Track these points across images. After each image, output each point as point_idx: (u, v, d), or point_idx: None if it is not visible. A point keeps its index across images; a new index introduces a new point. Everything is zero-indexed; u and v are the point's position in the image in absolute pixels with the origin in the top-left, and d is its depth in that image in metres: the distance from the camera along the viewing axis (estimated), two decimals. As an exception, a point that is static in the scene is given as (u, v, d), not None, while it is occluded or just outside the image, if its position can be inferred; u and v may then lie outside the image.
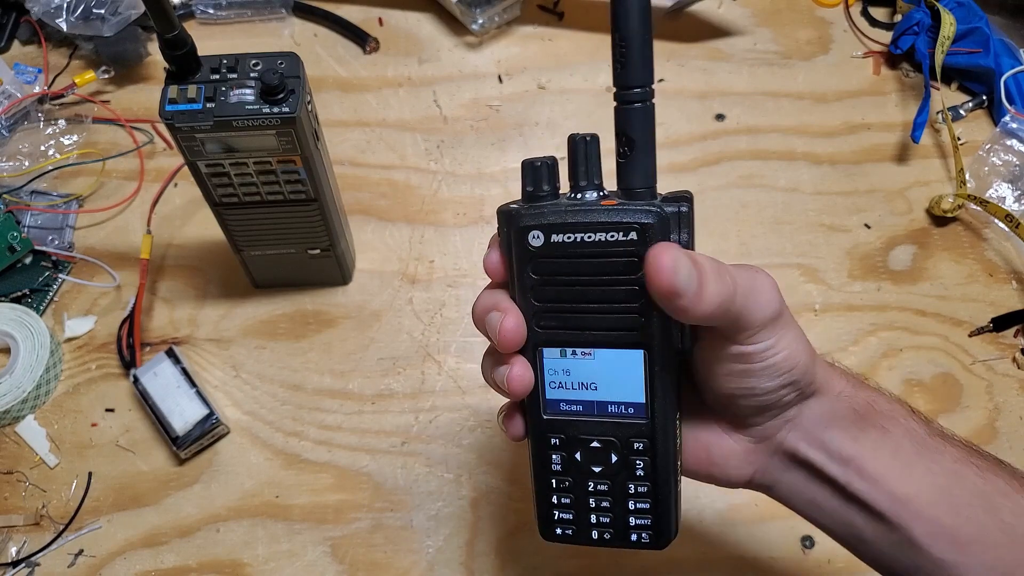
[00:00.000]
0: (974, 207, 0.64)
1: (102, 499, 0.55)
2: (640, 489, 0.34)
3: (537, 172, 0.32)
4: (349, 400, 0.59)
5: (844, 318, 0.62)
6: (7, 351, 0.59)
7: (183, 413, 0.55)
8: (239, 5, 0.73)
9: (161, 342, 0.60)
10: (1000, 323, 0.61)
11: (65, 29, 0.68)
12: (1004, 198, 0.66)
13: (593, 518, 0.35)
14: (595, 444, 0.34)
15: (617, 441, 0.34)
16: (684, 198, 0.32)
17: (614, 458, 0.34)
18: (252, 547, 0.54)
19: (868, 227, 0.66)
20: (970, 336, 0.61)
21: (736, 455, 0.36)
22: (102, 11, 0.68)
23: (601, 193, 0.32)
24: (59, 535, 0.54)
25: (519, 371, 0.33)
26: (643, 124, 0.32)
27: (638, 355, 0.32)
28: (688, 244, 0.32)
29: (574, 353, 0.33)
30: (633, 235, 0.30)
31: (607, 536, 0.35)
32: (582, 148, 0.33)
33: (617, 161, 0.32)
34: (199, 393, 0.56)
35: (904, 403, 0.36)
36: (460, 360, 0.60)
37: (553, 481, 0.35)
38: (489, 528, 0.55)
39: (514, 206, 0.32)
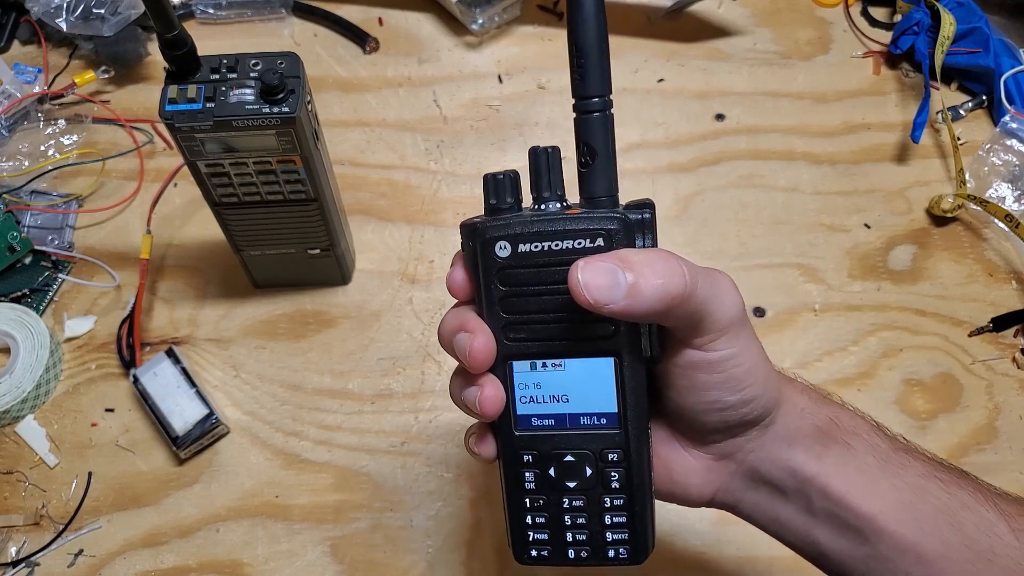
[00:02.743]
0: (974, 207, 0.64)
1: (102, 499, 0.55)
2: (616, 502, 0.33)
3: (499, 185, 0.32)
4: (349, 400, 0.59)
5: (844, 318, 0.62)
6: (7, 351, 0.59)
7: (183, 413, 0.55)
8: (239, 5, 0.73)
9: (161, 342, 0.60)
10: (1000, 323, 0.61)
11: (65, 29, 0.68)
12: (1004, 198, 0.66)
13: (569, 536, 0.34)
14: (569, 458, 0.33)
15: (591, 454, 0.33)
16: (646, 205, 0.32)
17: (588, 471, 0.33)
18: (252, 547, 0.54)
19: (868, 227, 0.66)
20: (970, 336, 0.61)
21: (697, 473, 0.35)
22: (102, 11, 0.68)
23: (564, 204, 0.32)
24: (59, 535, 0.54)
25: (491, 392, 0.32)
26: (603, 133, 0.31)
27: (608, 363, 0.32)
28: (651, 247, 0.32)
29: (544, 365, 0.33)
30: (600, 241, 0.30)
31: (583, 554, 0.34)
32: (544, 159, 0.32)
33: (579, 171, 0.32)
34: (199, 393, 0.56)
35: (868, 418, 0.36)
36: (460, 360, 0.60)
37: (527, 500, 0.34)
38: (489, 528, 0.55)
39: (478, 220, 0.32)
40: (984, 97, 0.71)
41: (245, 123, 0.45)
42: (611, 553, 0.34)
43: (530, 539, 0.35)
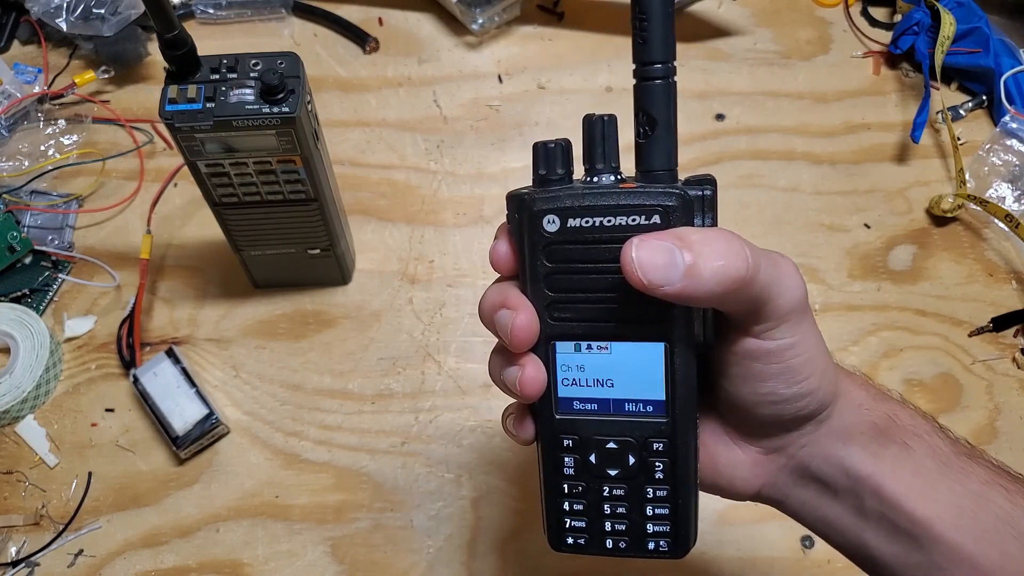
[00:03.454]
0: (974, 207, 0.64)
1: (102, 499, 0.55)
2: (659, 493, 0.32)
3: (550, 154, 0.30)
4: (349, 400, 0.59)
5: (844, 318, 0.62)
6: (7, 351, 0.59)
7: (183, 413, 0.55)
8: (239, 5, 0.73)
9: (161, 342, 0.60)
10: (1000, 323, 0.61)
11: (65, 29, 0.68)
12: (1004, 198, 0.66)
13: (608, 525, 0.33)
14: (611, 445, 0.32)
15: (635, 442, 0.32)
16: (707, 181, 0.30)
17: (631, 460, 0.32)
18: (252, 547, 0.54)
19: (868, 227, 0.66)
20: (970, 336, 0.61)
21: (744, 466, 0.34)
22: (102, 11, 0.68)
23: (619, 176, 0.30)
24: (59, 535, 0.54)
25: (532, 372, 0.31)
26: (665, 102, 0.29)
27: (658, 348, 0.30)
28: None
29: (589, 347, 0.31)
30: (656, 219, 0.28)
31: (622, 545, 0.33)
32: (599, 128, 0.30)
33: (636, 142, 0.30)
34: (199, 393, 0.56)
35: (930, 418, 0.34)
36: (460, 360, 0.60)
37: (565, 486, 0.33)
38: (489, 528, 0.55)
39: (525, 191, 0.30)
40: (984, 97, 0.71)
41: (245, 123, 0.45)
42: (651, 545, 0.33)
43: (567, 526, 0.33)
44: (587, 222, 0.29)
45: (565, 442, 0.32)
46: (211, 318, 0.61)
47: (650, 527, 0.32)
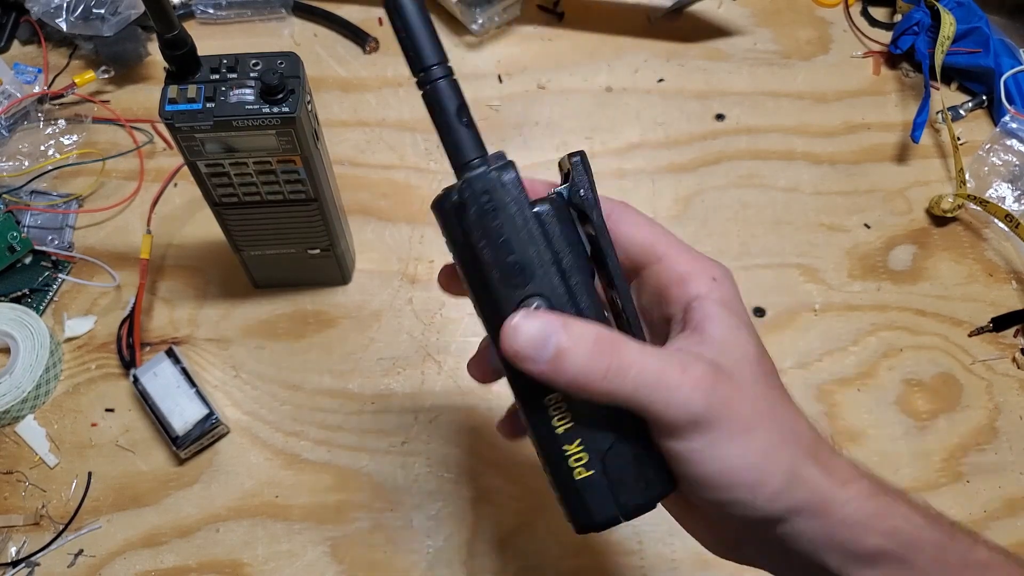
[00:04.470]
0: (974, 207, 0.64)
1: (102, 499, 0.55)
2: (547, 477, 0.32)
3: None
4: (349, 400, 0.59)
5: (844, 318, 0.62)
6: (7, 351, 0.59)
7: (183, 413, 0.55)
8: (239, 5, 0.73)
9: (161, 342, 0.60)
10: (1000, 323, 0.61)
11: (65, 29, 0.68)
12: (1004, 198, 0.66)
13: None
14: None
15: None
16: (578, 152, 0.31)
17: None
18: (252, 547, 0.54)
19: (868, 227, 0.66)
20: (970, 336, 0.61)
21: (723, 545, 0.33)
22: (102, 11, 0.68)
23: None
24: (59, 535, 0.54)
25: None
26: (440, 102, 0.30)
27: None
28: (591, 199, 0.30)
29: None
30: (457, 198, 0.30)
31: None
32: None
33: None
34: (199, 393, 0.56)
35: (942, 522, 0.30)
36: (460, 360, 0.60)
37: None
38: (489, 528, 0.55)
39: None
40: (984, 97, 0.71)
41: (245, 123, 0.45)
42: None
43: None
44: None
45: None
46: (211, 318, 0.61)
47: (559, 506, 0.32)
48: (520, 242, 0.29)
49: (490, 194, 0.30)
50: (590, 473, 0.31)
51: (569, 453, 0.31)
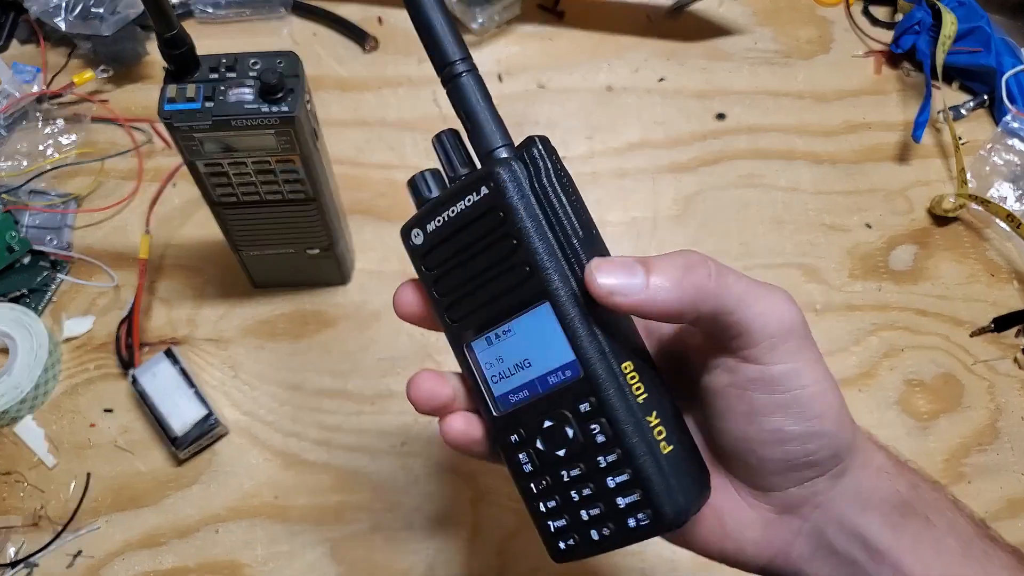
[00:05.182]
0: (975, 207, 0.64)
1: (100, 500, 0.55)
2: (611, 458, 0.29)
3: (417, 184, 0.33)
4: (348, 400, 0.58)
5: (845, 318, 0.62)
6: (5, 351, 0.59)
7: (182, 414, 0.55)
8: (238, 4, 0.73)
9: (160, 342, 0.60)
10: (1001, 323, 0.61)
11: (64, 28, 0.68)
12: (1005, 198, 0.66)
13: (584, 514, 0.30)
14: (547, 423, 0.30)
15: (567, 412, 0.30)
16: (531, 143, 0.31)
17: (570, 432, 0.30)
18: (251, 548, 0.54)
19: (869, 227, 0.65)
20: (971, 336, 0.61)
21: (755, 528, 0.31)
22: (100, 10, 0.67)
23: None
24: (57, 536, 0.54)
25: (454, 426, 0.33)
26: (471, 92, 0.32)
27: (544, 309, 0.30)
28: (556, 195, 0.30)
29: (497, 336, 0.31)
30: (485, 189, 0.30)
31: (606, 531, 0.30)
32: (444, 140, 0.33)
33: (468, 139, 0.32)
34: (198, 393, 0.55)
35: (947, 492, 0.32)
36: (460, 360, 0.60)
37: (532, 486, 0.32)
38: (489, 529, 0.54)
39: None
40: (985, 96, 0.70)
41: (244, 123, 0.45)
42: (631, 522, 0.29)
43: (552, 530, 0.32)
44: (439, 220, 0.31)
45: (512, 438, 0.32)
46: (210, 318, 0.61)
47: (620, 500, 0.30)
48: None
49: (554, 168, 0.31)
50: (671, 448, 0.30)
51: (652, 424, 0.29)
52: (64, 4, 0.68)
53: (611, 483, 0.30)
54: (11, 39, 0.73)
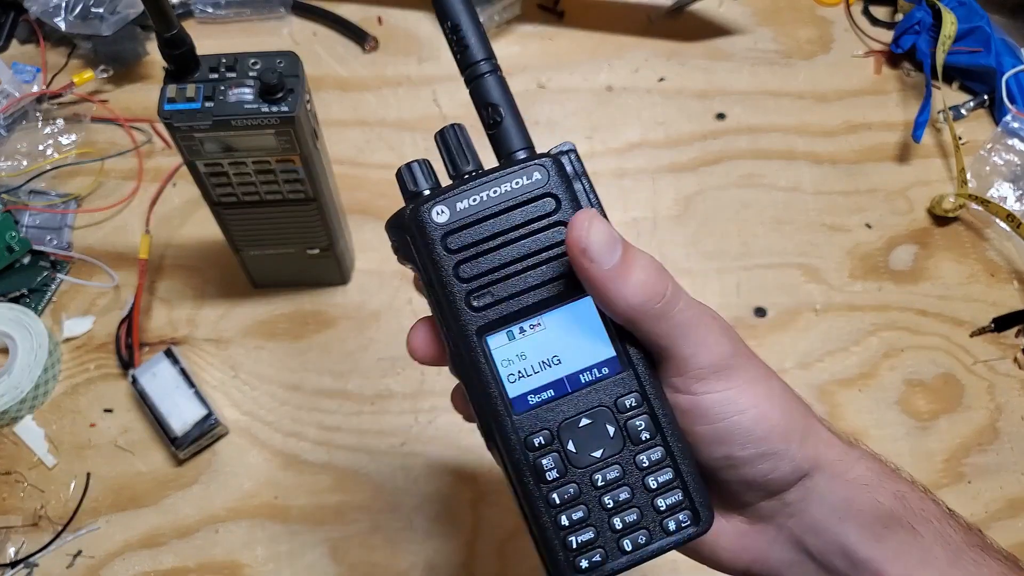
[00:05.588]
0: (975, 207, 0.64)
1: (100, 500, 0.55)
2: (654, 456, 0.28)
3: (413, 170, 0.31)
4: (348, 401, 0.58)
5: (845, 318, 0.62)
6: (5, 351, 0.59)
7: (182, 414, 0.55)
8: (238, 4, 0.73)
9: (160, 342, 0.60)
10: (1001, 323, 0.61)
11: (63, 28, 0.68)
12: (1005, 198, 0.66)
13: (618, 522, 0.28)
14: (585, 422, 0.29)
15: (608, 408, 0.29)
16: (567, 150, 0.31)
17: (611, 430, 0.28)
18: (251, 548, 0.54)
19: (869, 227, 0.65)
20: (971, 336, 0.61)
21: (728, 536, 0.31)
22: (100, 10, 0.67)
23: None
24: (57, 536, 0.54)
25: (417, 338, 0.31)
26: (502, 90, 0.31)
27: (587, 303, 0.29)
28: (591, 195, 0.30)
29: (522, 331, 0.29)
30: (538, 175, 0.29)
31: (642, 539, 0.28)
32: (452, 135, 0.31)
33: (490, 134, 0.31)
34: (198, 393, 0.55)
35: (939, 501, 0.31)
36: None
37: (555, 496, 0.29)
38: (489, 529, 0.54)
39: (402, 211, 0.30)
40: (985, 96, 0.70)
41: (244, 123, 0.45)
42: (671, 525, 0.28)
43: (573, 547, 0.28)
44: (475, 199, 0.29)
45: (536, 441, 0.29)
46: (210, 318, 0.61)
47: (660, 501, 0.29)
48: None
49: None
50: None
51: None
52: (64, 4, 0.68)
53: (652, 483, 0.29)
54: (11, 39, 0.73)
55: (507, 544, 0.54)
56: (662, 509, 0.29)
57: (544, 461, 0.29)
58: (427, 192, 0.30)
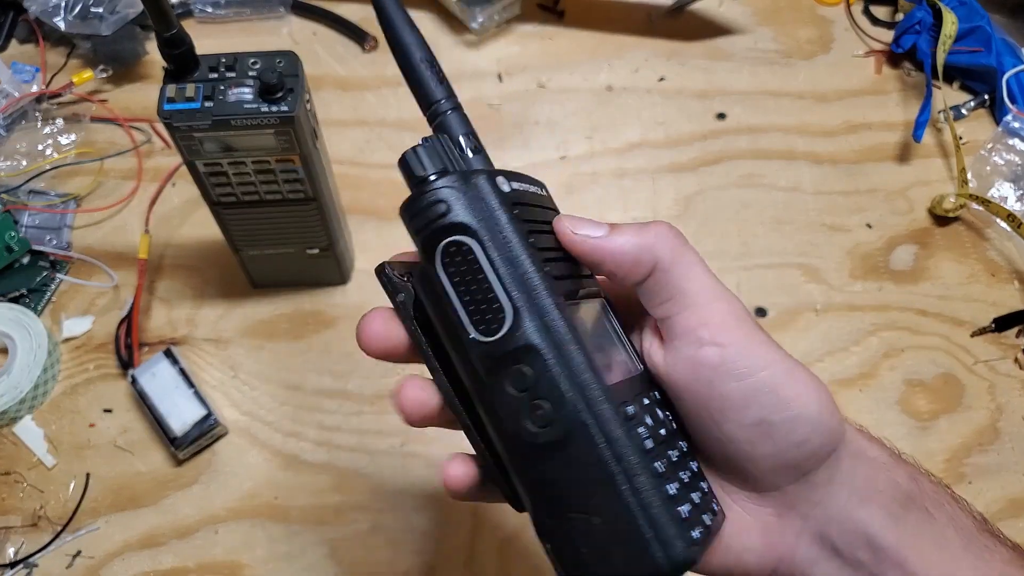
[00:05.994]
0: (976, 207, 0.64)
1: (100, 500, 0.55)
2: (674, 457, 0.28)
3: (431, 150, 0.29)
4: (348, 401, 0.58)
5: (845, 318, 0.62)
6: (4, 351, 0.58)
7: (181, 414, 0.55)
8: (237, 3, 0.73)
9: (159, 342, 0.60)
10: (1002, 323, 0.61)
11: (63, 28, 0.68)
12: (1006, 198, 0.66)
13: (696, 496, 0.28)
14: (656, 394, 0.30)
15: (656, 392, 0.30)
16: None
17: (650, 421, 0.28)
18: (251, 548, 0.54)
19: (869, 227, 0.65)
20: (972, 336, 0.61)
21: (754, 534, 0.30)
22: (100, 10, 0.67)
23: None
24: (57, 536, 0.53)
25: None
26: (464, 122, 0.32)
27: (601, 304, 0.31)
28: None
29: (578, 305, 0.30)
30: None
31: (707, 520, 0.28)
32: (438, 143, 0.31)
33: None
34: (197, 393, 0.55)
35: (947, 486, 0.31)
36: (460, 360, 0.60)
37: (657, 465, 0.26)
38: (489, 530, 0.54)
39: (434, 187, 0.28)
40: (986, 96, 0.70)
41: (243, 122, 0.45)
42: (707, 519, 0.28)
43: (683, 517, 0.26)
44: (519, 185, 0.29)
45: (630, 409, 0.27)
46: (209, 318, 0.61)
47: (695, 495, 0.29)
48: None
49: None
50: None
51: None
52: (63, 4, 0.68)
53: (684, 476, 0.28)
54: (10, 39, 0.73)
55: (507, 544, 0.54)
56: (706, 491, 0.29)
57: (640, 429, 0.27)
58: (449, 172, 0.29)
